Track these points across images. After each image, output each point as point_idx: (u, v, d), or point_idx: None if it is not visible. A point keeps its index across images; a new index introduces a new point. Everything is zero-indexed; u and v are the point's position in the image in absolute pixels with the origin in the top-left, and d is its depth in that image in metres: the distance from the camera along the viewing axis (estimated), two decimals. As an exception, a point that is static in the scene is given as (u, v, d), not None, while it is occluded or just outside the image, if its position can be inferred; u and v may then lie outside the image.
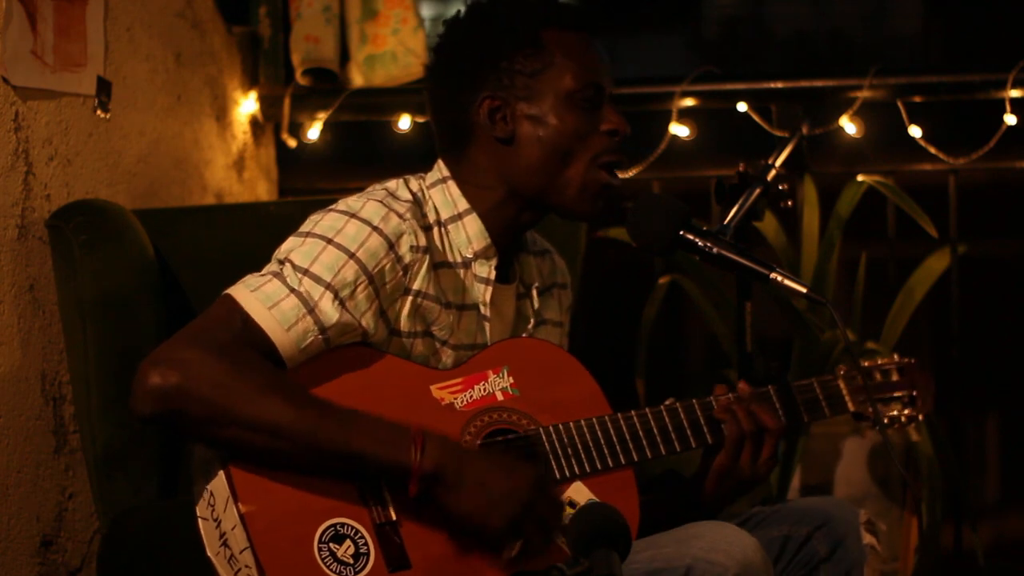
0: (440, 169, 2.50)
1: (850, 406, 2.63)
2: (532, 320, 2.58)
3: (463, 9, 2.53)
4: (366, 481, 2.26)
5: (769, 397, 2.55)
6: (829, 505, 2.51)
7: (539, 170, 2.45)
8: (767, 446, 2.49)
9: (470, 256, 2.46)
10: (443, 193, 2.47)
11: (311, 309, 2.28)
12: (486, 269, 2.47)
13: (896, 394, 2.69)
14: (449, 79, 2.49)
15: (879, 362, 2.71)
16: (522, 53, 2.45)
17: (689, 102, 3.80)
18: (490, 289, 2.47)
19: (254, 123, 3.81)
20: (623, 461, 2.43)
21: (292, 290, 2.28)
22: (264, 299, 2.27)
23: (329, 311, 2.29)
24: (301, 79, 3.82)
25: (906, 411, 2.68)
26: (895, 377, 2.70)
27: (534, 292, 2.59)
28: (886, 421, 2.67)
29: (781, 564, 2.47)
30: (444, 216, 2.46)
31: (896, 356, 2.73)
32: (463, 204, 2.47)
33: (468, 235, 2.46)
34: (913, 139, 3.76)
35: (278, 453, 2.22)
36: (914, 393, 2.69)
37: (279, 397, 2.21)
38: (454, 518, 2.26)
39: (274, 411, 2.20)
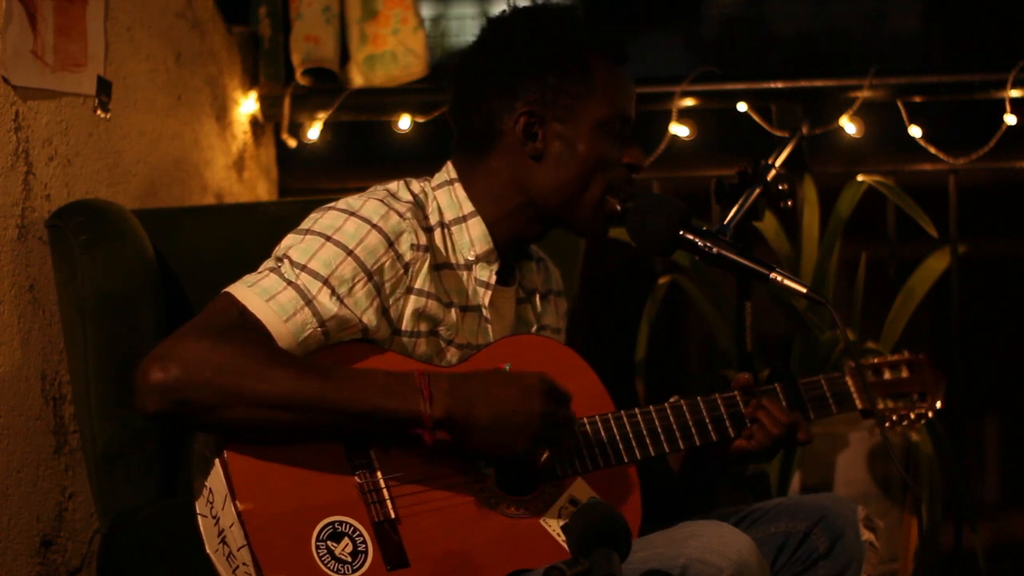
0: (448, 171, 2.50)
1: (858, 403, 2.63)
2: (534, 325, 2.59)
3: (509, 11, 2.52)
4: (381, 437, 2.27)
5: (777, 396, 2.56)
6: (827, 501, 2.52)
7: (560, 190, 2.46)
8: (779, 447, 2.55)
9: (472, 259, 2.46)
10: (449, 195, 2.47)
11: (309, 301, 2.28)
12: (487, 273, 2.47)
13: (905, 391, 2.69)
14: (485, 81, 2.47)
15: (888, 359, 2.70)
16: (569, 73, 2.44)
17: (689, 102, 3.80)
18: (489, 293, 2.47)
19: (254, 123, 3.81)
20: (626, 459, 2.44)
21: (289, 283, 2.29)
22: (261, 292, 2.27)
23: (327, 304, 2.29)
24: (301, 79, 3.82)
25: (916, 408, 2.68)
26: (904, 374, 2.69)
27: (537, 298, 2.59)
28: (895, 419, 2.67)
29: (781, 560, 2.47)
30: (448, 218, 2.46)
31: (906, 353, 2.73)
32: (468, 207, 2.47)
33: (471, 238, 2.46)
34: (913, 139, 3.76)
35: (288, 426, 2.22)
36: (924, 390, 2.69)
37: (281, 368, 2.21)
38: (477, 453, 2.29)
39: (279, 382, 2.20)
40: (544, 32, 2.47)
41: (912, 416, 2.68)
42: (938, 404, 2.70)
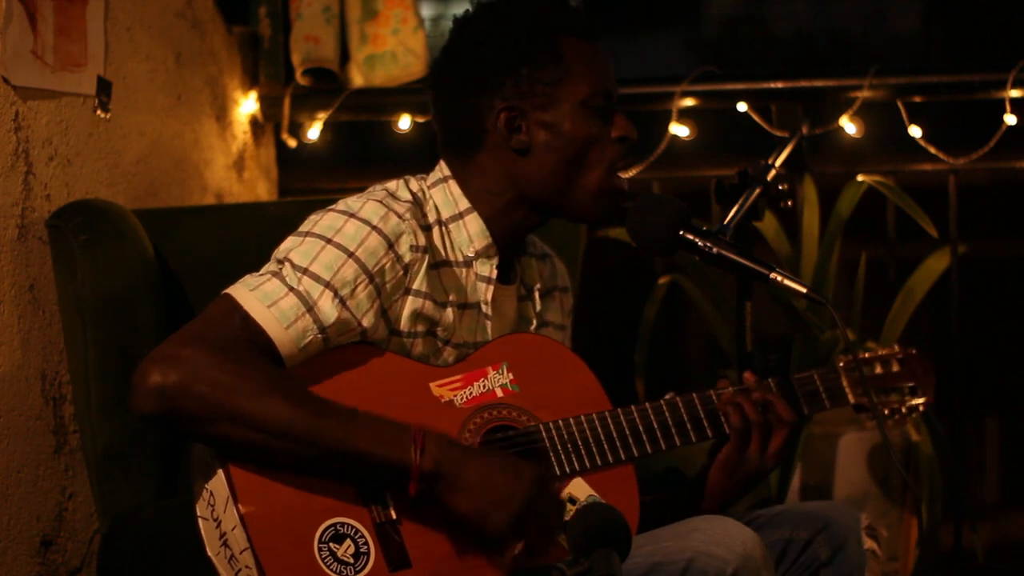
0: (441, 169, 2.50)
1: (850, 398, 2.63)
2: (534, 322, 2.58)
3: (473, 9, 2.50)
4: (365, 481, 2.26)
5: (771, 390, 2.55)
6: (830, 509, 2.51)
7: (553, 178, 2.45)
8: (776, 438, 2.49)
9: (471, 255, 2.46)
10: (444, 192, 2.47)
11: (310, 307, 2.28)
12: (487, 268, 2.47)
13: (896, 384, 2.69)
14: (461, 82, 2.46)
15: (879, 353, 2.70)
16: (541, 61, 2.43)
17: (689, 102, 3.80)
18: (491, 288, 2.47)
19: (254, 123, 3.81)
20: (623, 456, 2.43)
21: (291, 289, 2.28)
22: (263, 298, 2.27)
23: (328, 310, 2.29)
24: (301, 79, 3.82)
25: (907, 401, 2.68)
26: (895, 368, 2.69)
27: (536, 294, 2.59)
28: (887, 412, 2.67)
29: (782, 568, 2.47)
30: (445, 215, 2.46)
31: (896, 347, 2.73)
32: (464, 203, 2.47)
33: (469, 234, 2.46)
34: (913, 139, 3.76)
35: (276, 452, 2.21)
36: (914, 383, 2.69)
37: (278, 395, 2.21)
38: (455, 517, 2.26)
39: (273, 409, 2.20)
40: (510, 25, 2.46)
41: (904, 409, 2.68)
42: (928, 397, 2.69)
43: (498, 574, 2.29)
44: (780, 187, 2.83)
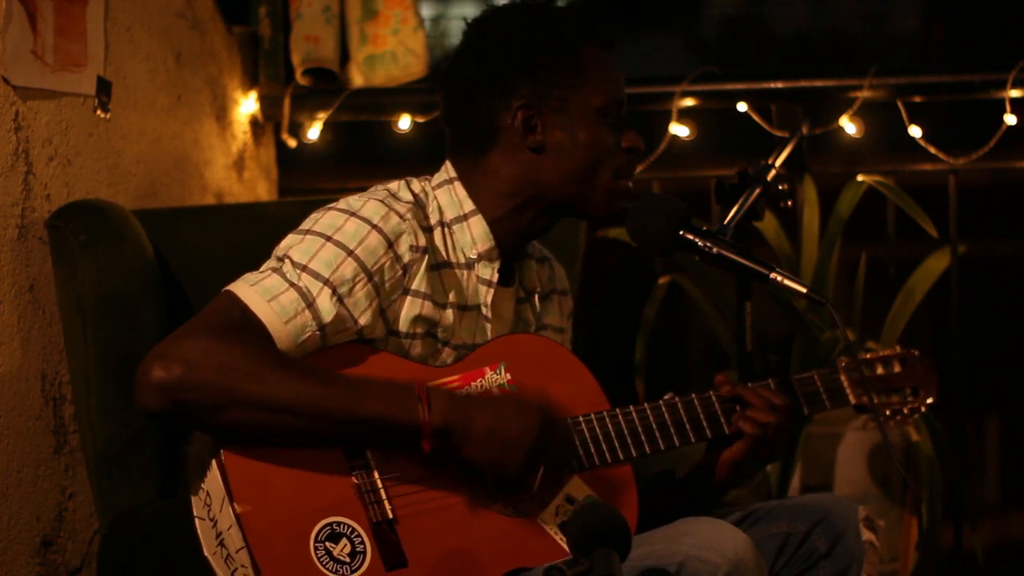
0: (447, 170, 2.50)
1: (851, 399, 2.63)
2: (533, 324, 2.58)
3: (489, 11, 2.51)
4: (379, 445, 2.27)
5: (773, 391, 2.55)
6: (828, 501, 2.52)
7: (567, 180, 2.46)
8: (779, 440, 2.52)
9: (473, 257, 2.46)
10: (449, 194, 2.47)
11: (310, 304, 2.28)
12: (489, 271, 2.47)
13: (898, 386, 2.69)
14: (476, 82, 2.47)
15: (881, 354, 2.70)
16: (560, 66, 2.44)
17: (689, 102, 3.80)
18: (492, 291, 2.47)
19: (254, 123, 3.81)
20: (621, 457, 2.44)
21: (291, 284, 2.29)
22: (263, 292, 2.28)
23: (327, 307, 2.29)
24: (301, 79, 3.82)
25: (908, 403, 2.68)
26: (897, 369, 2.69)
27: (536, 298, 2.59)
28: (888, 413, 2.66)
29: (781, 561, 2.47)
30: (449, 217, 2.46)
31: (898, 347, 2.72)
32: (469, 205, 2.47)
33: (473, 236, 2.46)
34: (913, 139, 3.76)
35: (287, 429, 2.22)
36: (917, 385, 2.69)
37: (282, 372, 2.22)
38: (472, 466, 2.29)
39: (279, 386, 2.21)
40: (528, 27, 2.47)
41: (905, 411, 2.67)
42: (930, 399, 2.69)
43: (493, 572, 2.29)
44: (780, 187, 2.83)
